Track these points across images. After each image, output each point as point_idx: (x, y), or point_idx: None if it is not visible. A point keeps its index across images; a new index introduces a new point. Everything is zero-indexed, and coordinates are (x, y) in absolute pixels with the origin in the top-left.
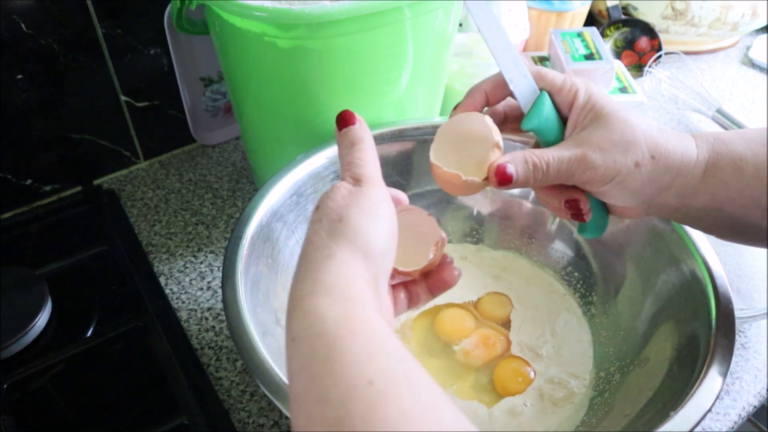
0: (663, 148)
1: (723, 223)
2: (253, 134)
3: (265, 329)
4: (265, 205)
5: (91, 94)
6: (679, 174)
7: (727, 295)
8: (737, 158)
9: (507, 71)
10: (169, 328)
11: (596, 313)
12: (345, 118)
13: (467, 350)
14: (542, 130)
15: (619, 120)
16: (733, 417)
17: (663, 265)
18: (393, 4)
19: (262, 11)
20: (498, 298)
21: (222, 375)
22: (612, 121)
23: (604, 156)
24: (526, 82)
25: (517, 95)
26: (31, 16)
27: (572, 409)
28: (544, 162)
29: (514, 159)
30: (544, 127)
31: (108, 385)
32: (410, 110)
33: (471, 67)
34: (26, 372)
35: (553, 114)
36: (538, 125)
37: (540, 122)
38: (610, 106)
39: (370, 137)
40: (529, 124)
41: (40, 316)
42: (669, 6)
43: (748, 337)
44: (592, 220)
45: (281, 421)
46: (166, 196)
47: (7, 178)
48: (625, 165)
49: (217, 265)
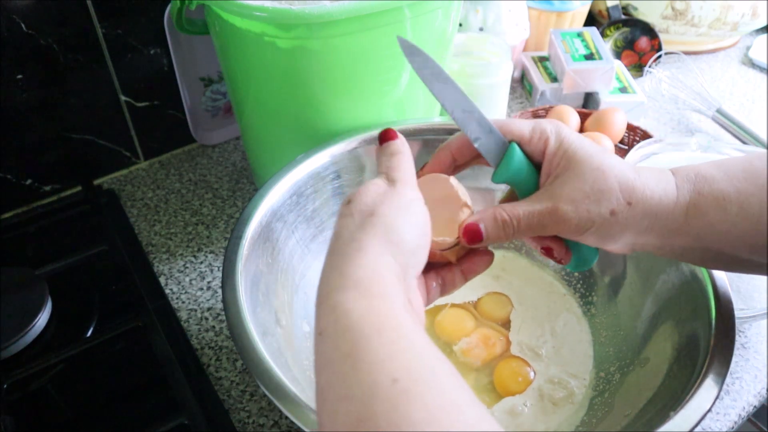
0: (640, 193)
1: (712, 258)
2: (253, 134)
3: (265, 329)
4: (265, 205)
5: (91, 94)
6: (658, 217)
7: (727, 295)
8: (720, 198)
9: (470, 131)
10: (169, 328)
11: (596, 313)
12: (387, 135)
13: (466, 350)
14: (515, 182)
15: (591, 167)
16: (733, 417)
17: (663, 265)
18: (393, 4)
19: (262, 11)
20: (498, 298)
21: (222, 375)
22: (584, 170)
23: (576, 207)
24: (492, 137)
25: (483, 153)
26: (31, 16)
27: (572, 409)
28: (514, 218)
29: (483, 218)
30: (516, 178)
31: (108, 385)
32: (410, 110)
33: (471, 67)
34: (26, 372)
35: (524, 164)
36: (509, 178)
37: (510, 175)
38: (582, 151)
39: (409, 151)
40: (499, 178)
41: (40, 316)
42: (669, 6)
43: (748, 337)
44: (576, 258)
45: (281, 421)
46: (166, 196)
47: (7, 178)
48: (599, 215)
49: (217, 265)
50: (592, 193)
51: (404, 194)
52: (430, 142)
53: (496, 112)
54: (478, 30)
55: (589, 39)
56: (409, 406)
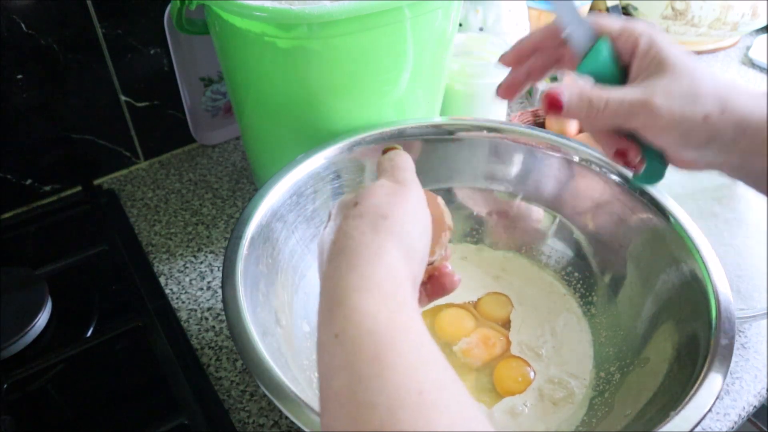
0: (734, 102)
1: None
2: (253, 134)
3: (265, 329)
4: (265, 205)
5: (91, 94)
6: (747, 132)
7: (727, 295)
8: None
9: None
10: (169, 328)
11: (596, 313)
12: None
13: (466, 350)
14: (600, 76)
15: (687, 69)
16: (733, 417)
17: (663, 265)
18: (393, 4)
19: (262, 11)
20: (498, 298)
21: (222, 375)
22: (679, 71)
23: (671, 103)
24: (582, 28)
25: (572, 42)
26: (31, 16)
27: (572, 409)
28: (602, 100)
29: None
30: (602, 73)
31: (108, 385)
32: (410, 110)
33: (471, 67)
34: (26, 372)
35: (611, 61)
36: (594, 71)
37: (597, 67)
38: (676, 54)
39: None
40: (584, 68)
41: (40, 316)
42: (669, 6)
43: (748, 337)
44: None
45: (281, 421)
46: (166, 196)
47: (7, 178)
48: (692, 115)
49: (217, 265)
50: (688, 93)
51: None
52: (430, 142)
53: (496, 112)
54: (478, 30)
55: None
56: (435, 417)
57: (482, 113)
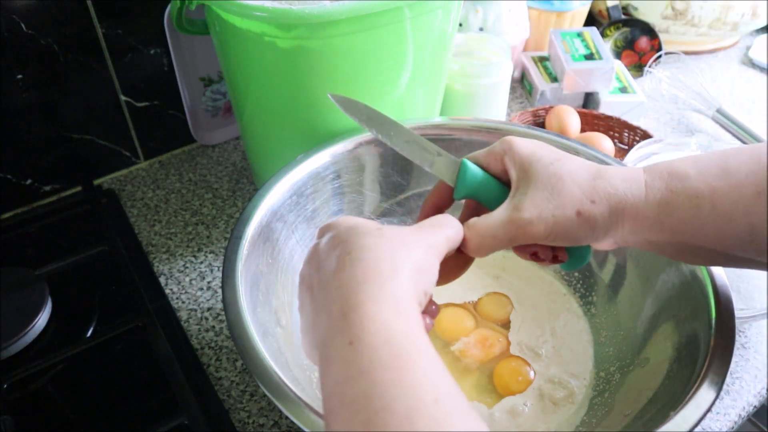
0: (602, 190)
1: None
2: (253, 134)
3: (265, 329)
4: (265, 205)
5: (91, 94)
6: (626, 213)
7: (727, 295)
8: (693, 196)
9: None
10: (169, 328)
11: (596, 313)
12: None
13: (464, 350)
14: (479, 196)
15: (548, 174)
16: (733, 417)
17: (663, 265)
18: (393, 4)
19: (262, 11)
20: (498, 298)
21: (222, 375)
22: (541, 178)
23: (540, 213)
24: (442, 159)
25: (439, 175)
26: (31, 16)
27: (572, 409)
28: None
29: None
30: (478, 193)
31: (108, 385)
32: (410, 110)
33: (471, 67)
34: (26, 372)
35: (483, 179)
36: (469, 193)
37: (469, 190)
38: (536, 162)
39: None
40: (458, 194)
41: (40, 316)
42: (669, 6)
43: (748, 337)
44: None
45: (281, 421)
46: (166, 196)
47: (7, 178)
48: (564, 218)
49: (217, 265)
50: (554, 199)
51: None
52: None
53: (496, 112)
54: (478, 30)
55: (589, 39)
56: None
57: (482, 113)
